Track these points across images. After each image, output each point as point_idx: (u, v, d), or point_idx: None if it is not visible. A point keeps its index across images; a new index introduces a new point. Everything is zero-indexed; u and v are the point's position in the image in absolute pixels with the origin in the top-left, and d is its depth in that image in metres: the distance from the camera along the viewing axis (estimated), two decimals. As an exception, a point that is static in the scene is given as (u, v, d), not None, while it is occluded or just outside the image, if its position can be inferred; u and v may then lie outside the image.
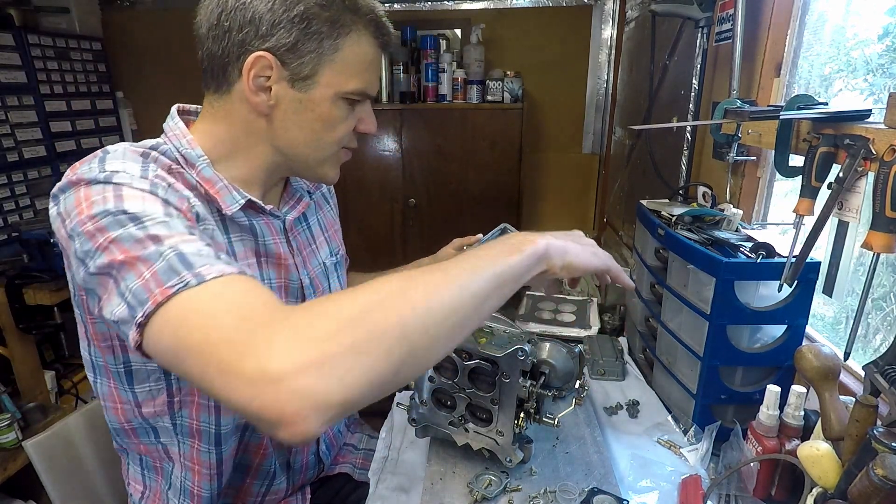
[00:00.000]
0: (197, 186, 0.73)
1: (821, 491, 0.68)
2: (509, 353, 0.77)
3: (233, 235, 0.77)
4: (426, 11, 2.55)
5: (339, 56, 0.71)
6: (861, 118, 0.77)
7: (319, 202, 1.00)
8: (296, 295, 0.86)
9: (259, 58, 0.68)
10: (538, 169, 2.71)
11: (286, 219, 0.85)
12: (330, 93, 0.72)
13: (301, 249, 0.88)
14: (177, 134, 0.75)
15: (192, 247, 0.55)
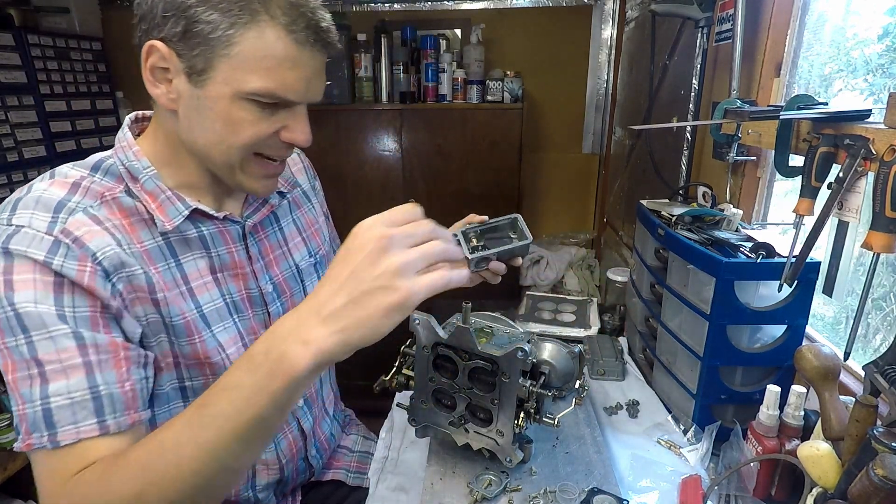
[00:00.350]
0: (136, 207, 0.70)
1: (821, 491, 0.68)
2: (509, 353, 0.77)
3: (182, 257, 0.74)
4: (426, 11, 2.55)
5: (235, 50, 0.63)
6: (861, 118, 0.77)
7: (298, 201, 0.95)
8: (258, 304, 0.82)
9: (151, 47, 0.64)
10: (538, 169, 2.70)
11: (246, 224, 0.81)
12: (227, 91, 0.65)
13: (266, 254, 0.85)
14: (123, 146, 0.73)
15: (65, 388, 0.60)
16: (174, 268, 0.73)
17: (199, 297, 0.75)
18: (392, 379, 0.88)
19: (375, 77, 2.36)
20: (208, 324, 0.75)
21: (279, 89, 0.65)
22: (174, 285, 0.72)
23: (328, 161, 2.40)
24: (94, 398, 0.61)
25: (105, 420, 0.61)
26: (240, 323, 0.80)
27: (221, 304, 0.77)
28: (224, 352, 0.76)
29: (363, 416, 1.20)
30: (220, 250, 0.78)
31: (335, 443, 1.06)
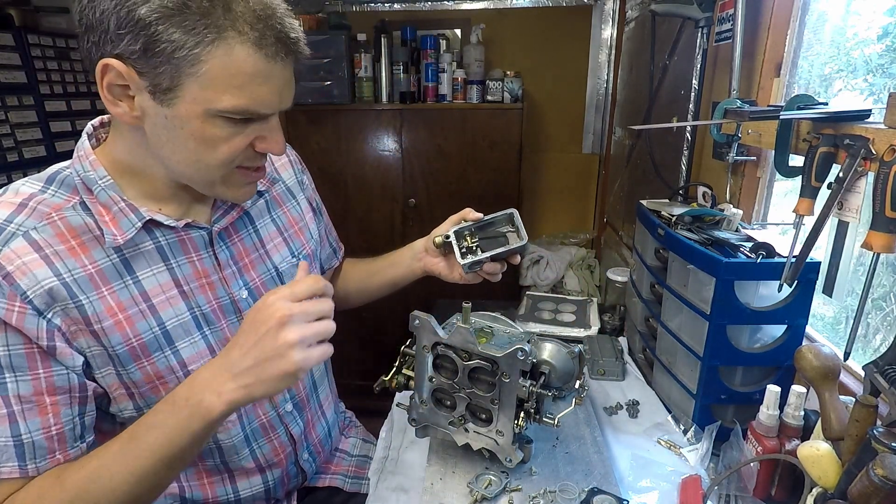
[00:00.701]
0: (87, 224, 0.67)
1: (821, 491, 0.68)
2: (509, 353, 0.77)
3: (140, 273, 0.70)
4: (426, 11, 2.55)
5: (202, 69, 0.59)
6: (861, 118, 0.77)
7: (280, 199, 0.91)
8: (230, 311, 0.79)
9: (106, 66, 0.59)
10: (538, 169, 2.70)
11: (213, 229, 0.77)
12: (198, 110, 0.61)
13: (240, 258, 0.81)
14: (81, 156, 0.70)
15: None
16: (132, 285, 0.70)
17: (161, 313, 0.72)
18: (392, 379, 0.88)
19: (375, 77, 2.36)
20: (171, 340, 0.72)
21: (252, 105, 0.63)
22: (132, 303, 0.69)
23: (328, 161, 2.40)
24: (17, 445, 0.63)
25: (25, 465, 0.64)
26: (211, 335, 0.76)
27: (188, 318, 0.74)
28: (184, 369, 0.74)
29: (363, 416, 1.20)
30: (180, 260, 0.74)
31: (331, 445, 1.03)
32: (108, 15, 0.57)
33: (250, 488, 0.87)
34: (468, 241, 0.90)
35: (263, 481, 0.88)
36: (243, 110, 0.63)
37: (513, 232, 0.91)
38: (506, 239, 0.90)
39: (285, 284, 0.67)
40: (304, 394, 0.92)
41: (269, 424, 0.86)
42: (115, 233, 0.67)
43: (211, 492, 0.85)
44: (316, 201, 1.02)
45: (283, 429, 0.88)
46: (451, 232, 0.90)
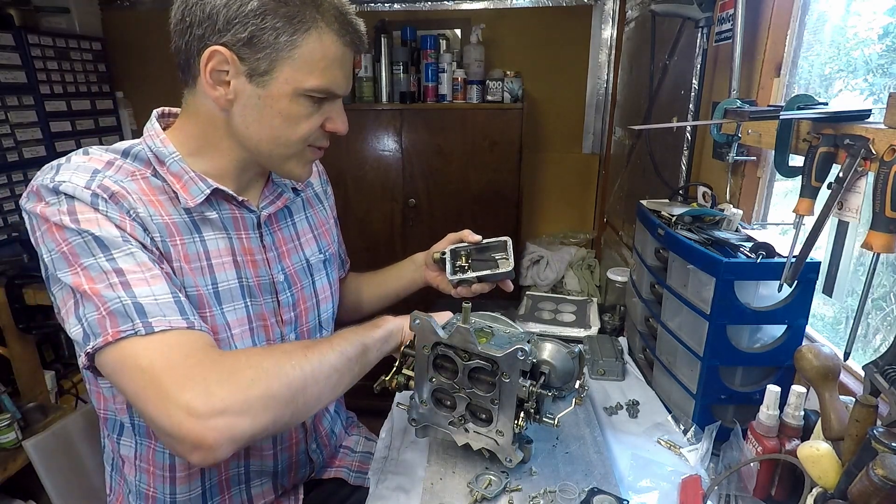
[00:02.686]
0: (163, 186, 0.76)
1: (821, 491, 0.68)
2: (509, 353, 0.77)
3: (206, 234, 0.79)
4: (426, 11, 2.55)
5: (297, 53, 0.70)
6: (861, 118, 0.77)
7: (311, 201, 1.01)
8: (268, 291, 0.86)
9: (215, 52, 0.69)
10: (538, 169, 2.70)
11: (261, 214, 0.86)
12: (288, 89, 0.72)
13: (279, 245, 0.89)
14: (151, 135, 0.78)
15: (150, 292, 0.65)
16: (198, 243, 0.78)
17: (216, 274, 0.79)
18: (392, 379, 0.88)
19: (375, 77, 2.36)
20: (219, 301, 0.79)
21: (331, 85, 0.74)
22: (196, 259, 0.77)
23: (328, 161, 2.39)
24: (176, 301, 0.67)
25: (189, 317, 0.67)
26: (251, 306, 0.83)
27: (236, 285, 0.81)
28: (230, 331, 0.80)
29: (363, 417, 1.20)
30: (237, 234, 0.83)
31: (336, 440, 1.07)
32: (219, 10, 0.68)
33: (260, 470, 0.91)
34: (463, 260, 1.02)
35: (273, 462, 0.92)
36: (325, 89, 0.74)
37: (504, 259, 1.01)
38: (496, 264, 1.01)
39: None
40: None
41: None
42: (187, 197, 0.76)
43: (226, 474, 0.88)
44: (335, 213, 1.10)
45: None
46: (448, 250, 1.03)
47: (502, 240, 1.01)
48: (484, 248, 1.02)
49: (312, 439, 0.97)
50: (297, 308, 0.91)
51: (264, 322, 0.85)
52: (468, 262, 1.01)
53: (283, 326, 0.88)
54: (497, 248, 1.03)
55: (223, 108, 0.74)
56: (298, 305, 0.91)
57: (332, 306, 1.00)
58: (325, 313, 0.98)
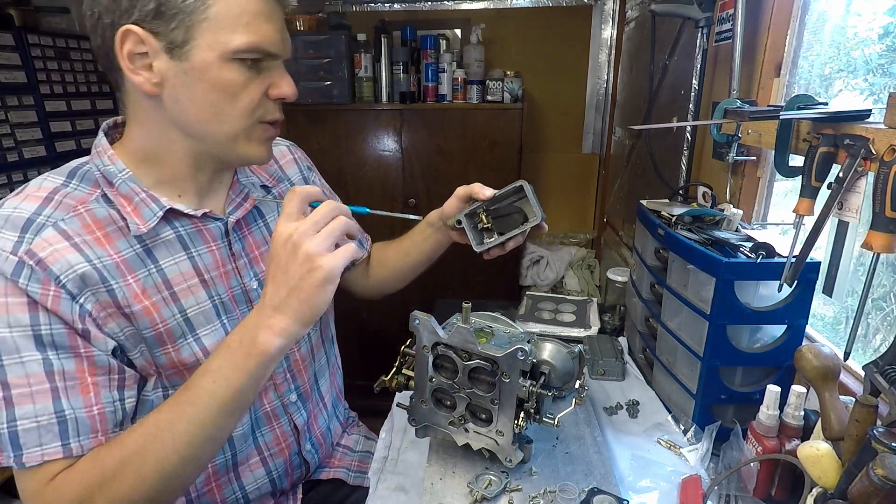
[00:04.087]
0: (111, 215, 0.70)
1: (821, 491, 0.68)
2: (509, 353, 0.77)
3: (163, 261, 0.73)
4: (426, 11, 2.55)
5: (212, 12, 0.64)
6: (861, 118, 0.77)
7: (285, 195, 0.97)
8: (242, 300, 0.82)
9: (126, 32, 0.64)
10: (538, 169, 2.70)
11: (228, 220, 0.80)
12: (214, 56, 0.65)
13: (251, 250, 0.84)
14: (99, 151, 0.73)
15: (32, 411, 0.62)
16: (155, 273, 0.72)
17: (183, 300, 0.74)
18: (392, 379, 0.88)
19: (375, 77, 2.36)
20: (193, 327, 0.75)
21: (262, 42, 0.67)
22: (156, 291, 0.72)
23: (328, 161, 2.40)
24: (60, 422, 0.64)
25: (69, 443, 0.64)
26: (228, 323, 0.80)
27: (209, 307, 0.77)
28: (206, 355, 0.76)
29: (362, 417, 1.20)
30: (200, 249, 0.77)
31: (332, 438, 1.05)
32: None
33: (255, 483, 0.89)
34: (483, 220, 0.90)
35: (267, 472, 0.90)
36: (255, 47, 0.67)
37: (527, 204, 0.90)
38: (521, 213, 0.89)
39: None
40: (307, 385, 0.94)
41: (272, 413, 0.89)
42: (138, 222, 0.70)
43: (220, 496, 0.87)
44: (328, 195, 1.04)
45: (286, 418, 0.91)
46: (463, 216, 0.91)
47: (516, 185, 0.88)
48: (499, 199, 0.90)
49: (306, 440, 0.95)
50: None
51: None
52: (489, 222, 0.90)
53: None
54: (513, 194, 0.90)
55: (153, 96, 0.68)
56: None
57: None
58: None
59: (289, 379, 0.90)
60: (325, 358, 1.02)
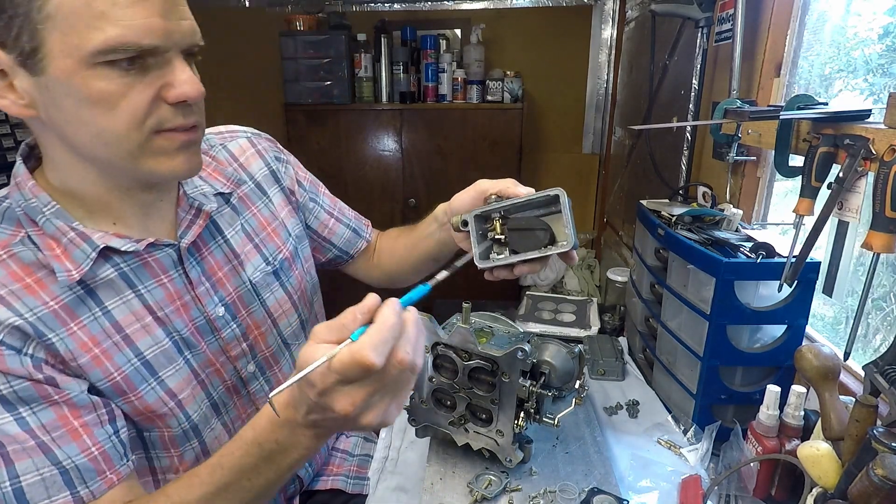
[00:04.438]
0: (39, 258, 0.60)
1: (821, 491, 0.68)
2: (509, 353, 0.77)
3: (108, 302, 0.63)
4: (426, 11, 2.55)
5: (51, 7, 0.50)
6: (861, 118, 0.77)
7: (249, 198, 0.80)
8: (207, 331, 0.71)
9: None
10: (538, 169, 2.71)
11: (181, 245, 0.68)
12: (71, 63, 0.52)
13: (212, 273, 0.72)
14: (19, 182, 0.61)
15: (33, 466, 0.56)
16: (101, 317, 0.62)
17: (138, 343, 0.64)
18: (392, 379, 0.87)
19: (375, 77, 2.36)
20: (153, 370, 0.66)
21: (130, 35, 0.51)
22: (105, 336, 0.62)
23: (328, 161, 2.40)
24: (62, 472, 0.58)
25: (77, 491, 0.59)
26: (193, 359, 0.70)
27: (168, 345, 0.67)
28: (174, 398, 0.68)
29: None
30: (149, 285, 0.65)
31: (327, 445, 0.99)
32: None
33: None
34: (497, 227, 0.68)
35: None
36: (120, 44, 0.51)
37: (556, 214, 0.67)
38: (546, 232, 0.67)
39: (329, 359, 0.47)
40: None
41: None
42: (69, 267, 0.59)
43: None
44: (305, 188, 0.90)
45: None
46: (471, 216, 0.69)
47: (550, 193, 0.65)
48: (524, 205, 0.68)
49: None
50: (249, 337, 0.76)
51: (213, 366, 0.72)
52: (503, 233, 0.68)
53: (235, 362, 0.75)
54: (543, 204, 0.68)
55: (31, 119, 0.57)
56: (250, 334, 0.76)
57: (299, 313, 0.84)
58: (290, 328, 0.82)
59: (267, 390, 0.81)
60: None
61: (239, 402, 0.77)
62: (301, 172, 0.90)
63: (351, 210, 0.98)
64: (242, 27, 2.61)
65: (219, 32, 2.63)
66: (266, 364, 0.79)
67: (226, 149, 0.81)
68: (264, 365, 0.79)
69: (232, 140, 0.82)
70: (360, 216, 0.99)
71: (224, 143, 0.81)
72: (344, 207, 0.97)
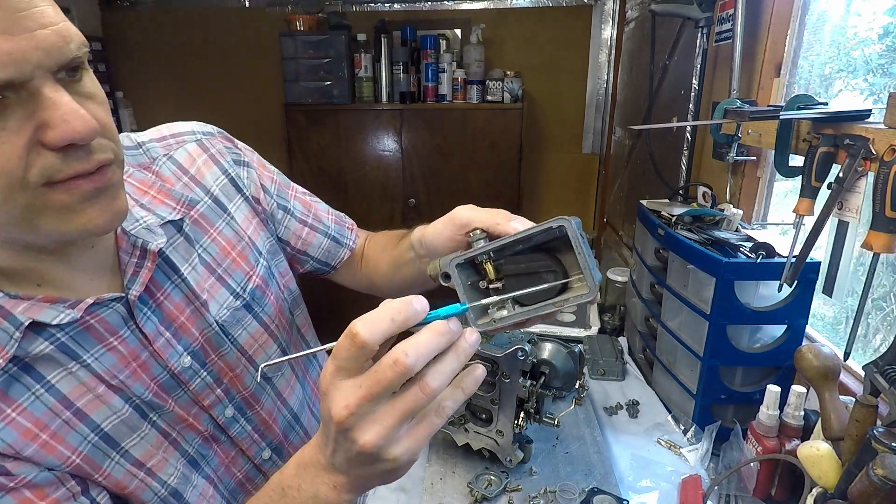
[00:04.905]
0: None
1: (821, 491, 0.68)
2: (509, 353, 0.77)
3: (51, 376, 0.51)
4: (426, 11, 2.55)
5: None
6: (861, 118, 0.77)
7: (204, 220, 0.66)
8: (175, 386, 0.60)
9: None
10: (538, 169, 2.71)
11: (129, 296, 0.55)
12: None
13: (173, 320, 0.60)
14: None
15: None
16: (44, 395, 0.51)
17: (92, 416, 0.54)
18: (392, 379, 0.87)
19: (375, 77, 2.36)
20: (115, 443, 0.56)
21: None
22: (53, 416, 0.51)
23: (328, 161, 2.40)
24: None
25: None
26: (160, 420, 0.60)
27: (129, 413, 0.57)
28: (142, 468, 0.58)
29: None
30: (96, 352, 0.54)
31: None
32: None
33: None
34: (490, 272, 0.49)
35: None
36: None
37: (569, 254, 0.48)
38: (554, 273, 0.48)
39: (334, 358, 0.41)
40: (281, 436, 0.74)
41: (246, 479, 0.71)
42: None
43: None
44: (272, 194, 0.75)
45: (262, 478, 0.73)
46: (453, 265, 0.49)
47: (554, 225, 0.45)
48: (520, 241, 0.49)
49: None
50: (223, 381, 0.65)
51: (185, 422, 0.62)
52: (500, 278, 0.49)
53: (210, 410, 0.64)
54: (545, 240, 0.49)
55: None
56: (224, 377, 0.65)
57: (278, 342, 0.73)
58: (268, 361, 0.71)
59: (256, 439, 0.71)
60: (301, 390, 0.80)
61: (220, 448, 0.67)
62: (266, 173, 0.76)
63: (331, 212, 0.84)
64: (242, 27, 2.61)
65: (219, 32, 2.65)
66: (246, 404, 0.68)
67: (172, 160, 0.66)
68: (244, 406, 0.68)
69: (178, 147, 0.67)
70: (342, 218, 0.85)
71: (169, 152, 0.66)
72: (321, 211, 0.82)
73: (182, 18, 2.59)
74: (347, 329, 0.40)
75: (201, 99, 2.70)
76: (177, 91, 2.70)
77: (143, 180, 0.62)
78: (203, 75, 2.67)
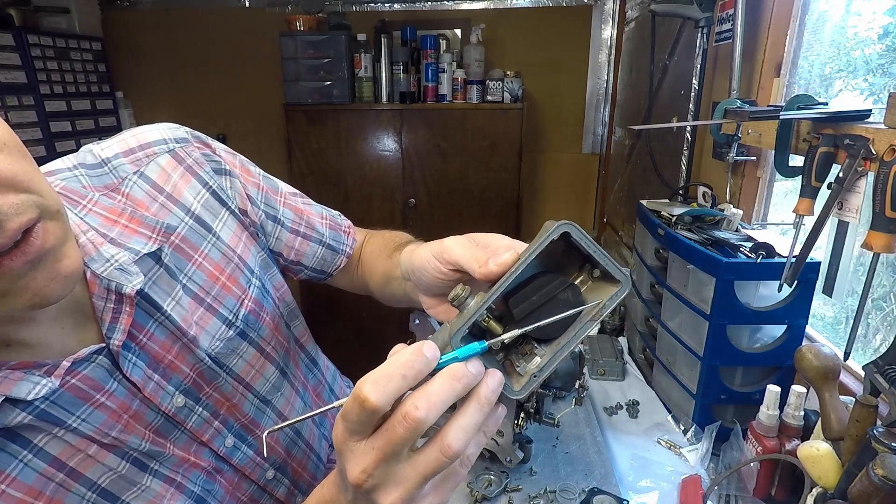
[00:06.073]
0: None
1: (821, 491, 0.68)
2: (509, 353, 0.77)
3: (37, 440, 0.47)
4: (426, 11, 2.55)
5: None
6: (861, 118, 0.77)
7: (186, 245, 0.60)
8: (171, 427, 0.57)
9: None
10: (538, 169, 2.71)
11: (112, 345, 0.50)
12: None
13: (159, 360, 0.55)
14: None
15: None
16: (34, 460, 0.47)
17: (87, 473, 0.50)
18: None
19: (375, 77, 2.36)
20: (114, 497, 0.52)
21: None
22: (45, 481, 0.48)
23: (328, 161, 2.40)
24: None
25: None
26: (161, 468, 0.56)
27: (127, 466, 0.53)
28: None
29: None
30: (81, 413, 0.49)
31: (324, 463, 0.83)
32: None
33: None
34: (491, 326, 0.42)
35: None
36: None
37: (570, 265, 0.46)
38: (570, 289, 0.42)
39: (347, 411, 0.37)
40: (284, 454, 0.72)
41: (251, 500, 0.68)
42: None
43: None
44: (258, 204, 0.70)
45: (267, 497, 0.71)
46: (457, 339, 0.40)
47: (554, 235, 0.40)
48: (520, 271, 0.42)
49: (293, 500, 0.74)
50: (220, 412, 0.62)
51: (187, 462, 0.58)
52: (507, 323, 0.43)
53: (210, 444, 0.61)
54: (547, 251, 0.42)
55: None
56: (220, 409, 0.62)
57: (277, 363, 0.69)
58: (267, 384, 0.68)
59: (259, 462, 0.67)
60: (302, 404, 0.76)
61: (224, 478, 0.64)
62: (250, 179, 0.69)
63: (325, 216, 0.79)
64: (242, 27, 2.61)
65: (219, 32, 2.65)
66: (246, 430, 0.65)
67: (143, 177, 0.59)
68: (244, 432, 0.65)
69: (149, 162, 0.60)
70: (337, 221, 0.80)
71: (139, 168, 0.59)
72: (314, 216, 0.77)
73: (182, 18, 2.60)
74: (355, 391, 0.36)
75: (201, 99, 2.70)
76: (177, 91, 2.70)
77: (110, 208, 0.56)
78: (203, 75, 2.67)
